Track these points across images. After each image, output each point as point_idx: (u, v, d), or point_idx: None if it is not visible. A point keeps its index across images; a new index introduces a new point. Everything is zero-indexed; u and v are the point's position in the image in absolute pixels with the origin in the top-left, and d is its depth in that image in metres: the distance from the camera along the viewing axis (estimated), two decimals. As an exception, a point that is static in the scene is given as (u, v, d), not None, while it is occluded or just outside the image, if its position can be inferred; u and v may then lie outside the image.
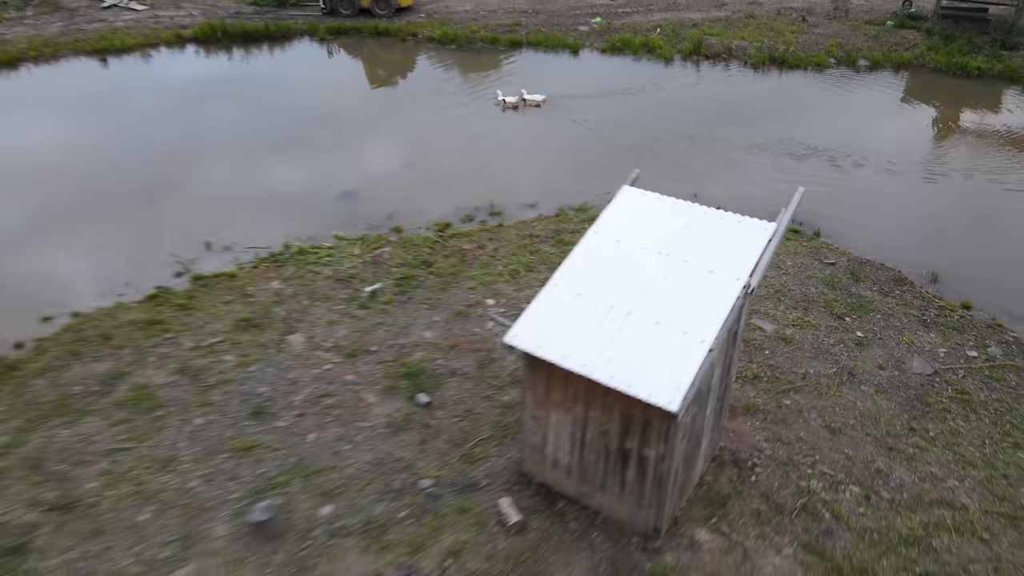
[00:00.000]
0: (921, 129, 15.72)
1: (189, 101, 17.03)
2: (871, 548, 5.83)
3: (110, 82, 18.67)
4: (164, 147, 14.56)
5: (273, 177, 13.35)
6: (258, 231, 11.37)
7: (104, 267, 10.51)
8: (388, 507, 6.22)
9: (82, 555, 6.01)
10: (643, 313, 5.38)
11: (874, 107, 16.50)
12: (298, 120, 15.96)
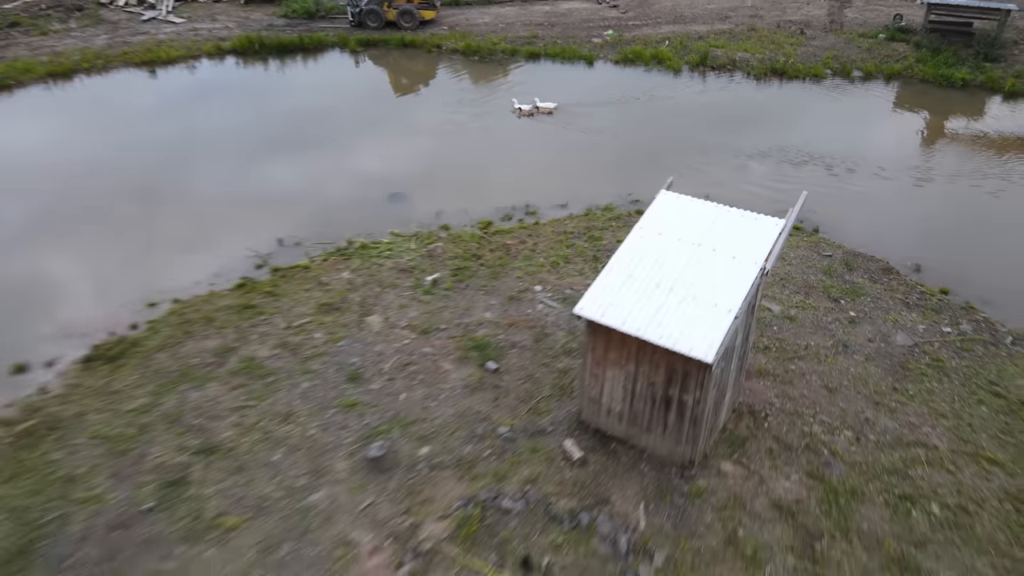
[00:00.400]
0: (909, 136, 17.25)
1: (233, 110, 18.52)
2: (860, 475, 7.38)
3: (161, 91, 20.16)
4: (221, 152, 16.06)
5: (324, 180, 14.82)
6: (320, 229, 12.88)
7: (192, 260, 11.99)
8: (474, 448, 7.76)
9: (232, 485, 7.54)
10: (682, 290, 6.91)
11: (866, 116, 18.05)
12: (336, 127, 17.46)
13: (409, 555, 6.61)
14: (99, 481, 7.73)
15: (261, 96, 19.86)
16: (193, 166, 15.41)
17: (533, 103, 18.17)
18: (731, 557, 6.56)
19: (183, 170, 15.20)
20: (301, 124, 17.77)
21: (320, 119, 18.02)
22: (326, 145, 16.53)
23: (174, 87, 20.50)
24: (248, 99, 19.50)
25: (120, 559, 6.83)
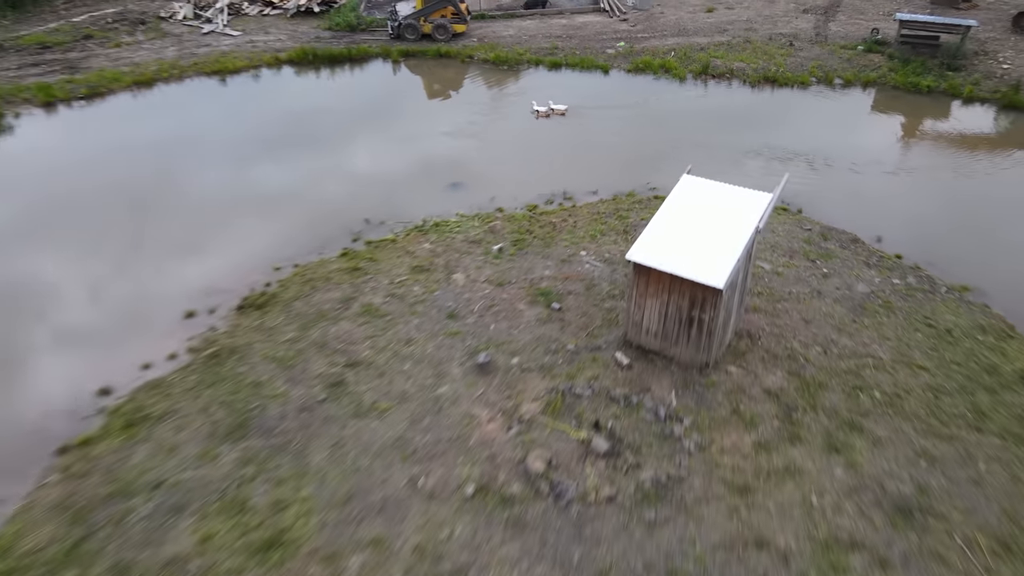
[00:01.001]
0: (879, 136, 20.21)
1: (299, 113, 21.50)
2: (825, 374, 10.44)
3: (235, 96, 23.14)
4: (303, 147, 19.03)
5: (393, 170, 17.77)
6: (396, 211, 15.86)
7: (300, 234, 14.96)
8: (550, 358, 10.79)
9: (378, 385, 10.55)
10: (701, 242, 9.94)
11: (844, 119, 21.06)
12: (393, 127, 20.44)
13: (515, 422, 9.65)
14: (279, 384, 10.74)
15: (318, 100, 22.85)
16: (282, 159, 18.39)
17: (548, 105, 21.21)
18: (735, 421, 9.60)
19: (276, 162, 18.18)
20: (365, 124, 20.76)
21: (377, 120, 21.01)
22: (390, 142, 19.50)
23: (244, 92, 23.50)
24: (306, 103, 22.47)
25: (311, 429, 9.85)
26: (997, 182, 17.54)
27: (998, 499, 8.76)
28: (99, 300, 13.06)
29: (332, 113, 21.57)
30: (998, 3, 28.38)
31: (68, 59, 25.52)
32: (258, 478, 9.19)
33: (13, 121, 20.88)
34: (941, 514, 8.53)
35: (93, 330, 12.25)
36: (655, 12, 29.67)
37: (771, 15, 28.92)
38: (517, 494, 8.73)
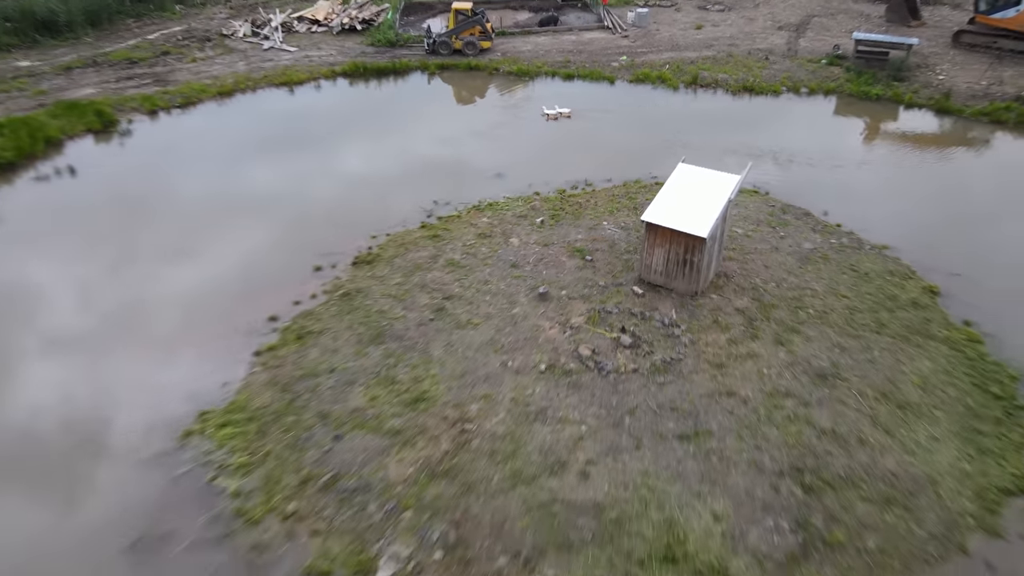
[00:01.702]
0: (833, 136, 24.97)
1: (359, 116, 26.13)
2: (777, 299, 15.19)
3: (304, 103, 27.75)
4: (368, 143, 23.66)
5: (448, 162, 22.41)
6: (455, 195, 20.52)
7: (387, 213, 19.58)
8: (588, 291, 15.51)
9: (468, 310, 15.22)
10: (692, 207, 14.68)
11: (806, 122, 25.82)
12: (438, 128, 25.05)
13: (568, 328, 14.36)
14: (398, 311, 15.40)
15: (373, 106, 27.49)
16: (353, 153, 23.05)
17: (555, 109, 25.90)
18: (714, 327, 14.35)
19: (350, 155, 22.85)
20: (415, 125, 25.37)
21: (424, 121, 25.62)
22: (438, 140, 24.09)
23: (311, 100, 28.12)
24: (362, 108, 27.11)
25: (428, 336, 14.52)
26: (924, 170, 22.39)
27: (883, 371, 13.53)
28: (254, 258, 17.63)
29: (386, 116, 26.23)
30: (943, 21, 33.28)
31: (155, 73, 30.05)
32: (398, 365, 13.87)
33: (127, 126, 25.45)
34: (845, 378, 13.29)
35: (253, 279, 16.83)
36: (651, 29, 34.44)
37: (750, 32, 33.72)
38: (573, 368, 13.45)
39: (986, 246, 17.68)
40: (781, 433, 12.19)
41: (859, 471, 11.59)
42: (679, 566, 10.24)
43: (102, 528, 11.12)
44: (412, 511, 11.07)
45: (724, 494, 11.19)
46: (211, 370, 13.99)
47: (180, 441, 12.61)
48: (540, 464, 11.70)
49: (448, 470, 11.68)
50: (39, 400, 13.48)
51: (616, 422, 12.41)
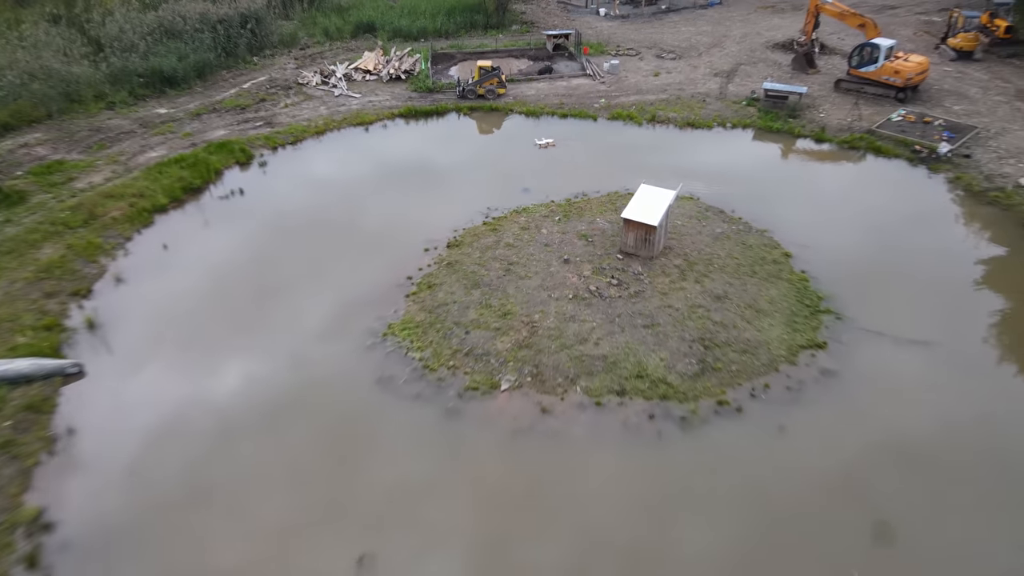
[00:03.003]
0: (745, 159, 36.85)
1: (422, 147, 37.45)
2: (700, 261, 26.99)
3: (376, 138, 38.99)
4: (436, 165, 35.01)
5: (487, 181, 33.83)
6: (499, 204, 31.97)
7: (459, 215, 30.94)
8: (591, 257, 27.13)
9: (525, 270, 26.76)
10: (649, 208, 26.42)
11: (728, 149, 37.68)
12: (474, 159, 36.52)
13: (581, 276, 25.97)
14: (482, 272, 26.85)
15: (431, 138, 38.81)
16: (430, 173, 34.39)
17: (544, 140, 37.43)
18: (662, 275, 26.05)
19: (428, 176, 34.19)
20: (461, 152, 36.77)
21: (465, 150, 37.06)
22: (478, 164, 35.57)
23: (382, 135, 39.36)
24: (422, 140, 38.46)
25: (503, 284, 26.01)
26: (799, 181, 34.39)
27: (751, 295, 25.27)
28: (388, 243, 28.86)
29: (439, 146, 37.64)
30: (833, 70, 45.50)
31: (262, 116, 41.08)
32: (490, 298, 25.32)
33: (262, 159, 36.53)
34: (730, 298, 25.04)
35: (391, 256, 28.08)
36: (622, 76, 46.26)
37: (694, 78, 45.71)
38: (586, 297, 25.03)
39: (826, 228, 29.57)
40: (695, 323, 23.89)
41: (731, 339, 23.32)
42: (643, 379, 21.83)
43: (360, 374, 22.44)
44: (512, 362, 22.54)
45: (665, 349, 22.85)
46: (387, 305, 25.35)
47: (382, 338, 23.93)
48: (574, 340, 23.25)
49: (527, 344, 23.17)
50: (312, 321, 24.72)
51: (611, 320, 24.01)
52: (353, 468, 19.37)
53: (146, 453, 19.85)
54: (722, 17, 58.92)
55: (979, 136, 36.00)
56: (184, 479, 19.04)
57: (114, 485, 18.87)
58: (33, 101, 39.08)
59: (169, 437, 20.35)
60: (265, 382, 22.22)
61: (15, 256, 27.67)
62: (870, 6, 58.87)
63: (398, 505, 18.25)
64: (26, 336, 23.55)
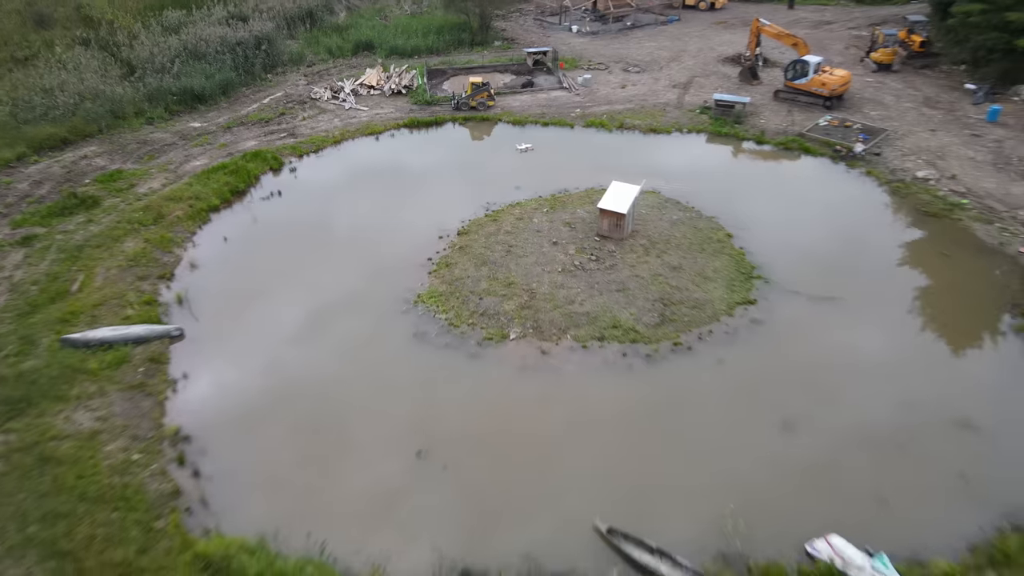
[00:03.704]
0: (699, 159, 44.07)
1: (427, 152, 44.10)
2: (660, 241, 34.11)
3: (386, 146, 45.55)
4: (443, 167, 41.70)
5: (486, 179, 40.62)
6: (496, 200, 38.79)
7: (462, 209, 37.69)
8: (575, 240, 34.11)
9: (522, 251, 33.62)
10: (619, 200, 33.48)
11: (684, 151, 44.89)
12: (473, 162, 43.30)
13: (567, 254, 32.91)
14: (488, 253, 33.67)
15: (432, 145, 45.47)
16: (438, 174, 41.09)
17: (524, 144, 44.34)
18: (630, 252, 33.07)
19: (436, 176, 40.87)
20: (455, 158, 43.51)
21: (459, 155, 43.80)
22: (469, 165, 42.36)
23: (391, 143, 45.93)
24: (424, 146, 45.11)
25: (506, 262, 32.85)
26: (745, 175, 41.73)
27: (700, 265, 32.44)
28: (407, 232, 35.48)
29: (443, 151, 44.35)
30: (774, 82, 53.01)
31: (285, 128, 47.42)
32: (496, 273, 32.11)
33: (291, 165, 42.92)
34: (684, 268, 32.14)
35: (413, 242, 34.73)
36: (594, 89, 53.35)
37: (656, 90, 52.97)
38: (572, 270, 31.94)
39: (761, 214, 36.81)
40: (656, 287, 30.93)
41: (684, 299, 30.38)
42: (617, 329, 28.77)
43: (400, 330, 29.11)
44: (517, 319, 29.38)
45: (633, 307, 29.84)
46: (414, 280, 32.02)
47: (413, 305, 30.61)
48: (563, 302, 30.15)
49: (528, 306, 30.02)
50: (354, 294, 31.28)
51: (591, 287, 30.96)
52: (403, 394, 25.99)
53: (241, 384, 26.27)
54: (680, 33, 66.44)
55: (888, 138, 43.71)
56: (272, 400, 25.51)
57: (222, 408, 25.28)
58: (86, 119, 44.94)
59: (257, 373, 26.80)
60: (322, 337, 28.76)
61: (104, 249, 33.80)
62: (810, 21, 66.92)
63: (440, 417, 24.93)
64: (133, 309, 29.82)
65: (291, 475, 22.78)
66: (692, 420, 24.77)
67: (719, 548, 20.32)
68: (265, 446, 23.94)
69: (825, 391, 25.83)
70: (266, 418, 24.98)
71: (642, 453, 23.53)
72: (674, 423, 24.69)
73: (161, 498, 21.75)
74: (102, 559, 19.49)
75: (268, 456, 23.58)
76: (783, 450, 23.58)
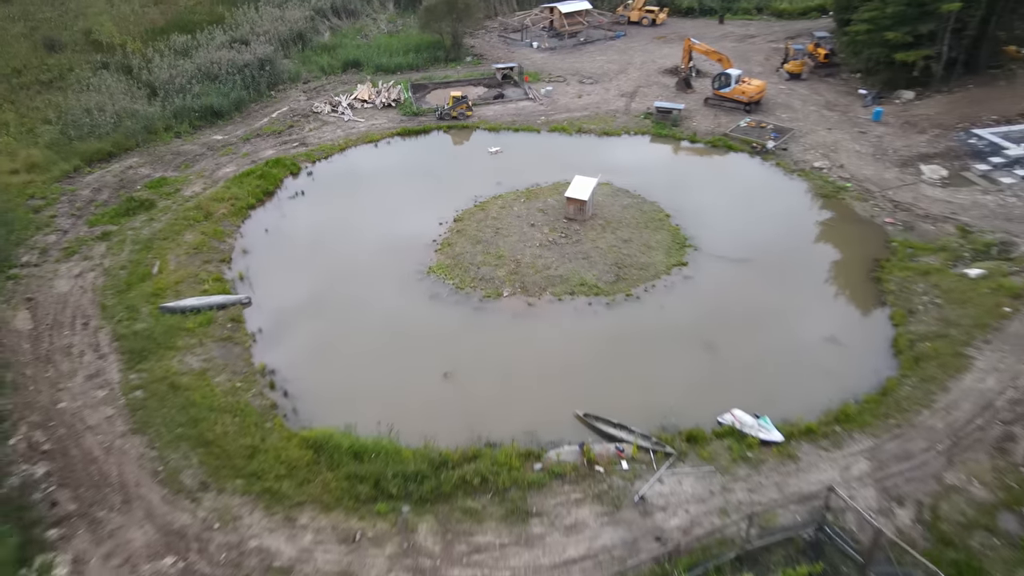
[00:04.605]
0: (643, 157, 53.78)
1: (422, 155, 52.98)
2: (614, 221, 43.73)
3: (384, 151, 54.29)
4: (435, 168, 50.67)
5: (473, 175, 49.68)
6: (483, 191, 47.93)
7: (454, 200, 46.73)
8: (548, 222, 43.52)
9: (508, 231, 42.89)
10: (582, 188, 42.99)
11: (631, 151, 54.58)
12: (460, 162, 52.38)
13: (542, 233, 42.27)
14: (479, 234, 42.81)
15: (414, 154, 54.35)
16: (431, 172, 50.05)
17: (494, 148, 53.61)
18: (591, 230, 42.56)
19: (431, 173, 49.84)
20: (443, 159, 52.54)
21: (446, 158, 52.83)
22: (459, 165, 51.43)
23: (389, 149, 54.66)
24: (415, 151, 54.01)
25: (496, 240, 42.10)
26: (680, 168, 51.66)
27: (647, 239, 42.09)
28: (413, 219, 44.36)
29: (433, 154, 53.30)
30: (705, 91, 63.21)
31: (295, 139, 55.76)
32: (488, 248, 41.25)
33: (308, 170, 51.40)
34: (632, 241, 41.76)
35: (418, 227, 43.62)
36: (555, 99, 62.86)
37: (606, 99, 62.72)
38: (547, 244, 41.27)
39: (693, 198, 46.62)
40: (612, 255, 40.43)
41: (633, 263, 39.94)
42: (583, 286, 38.12)
43: (418, 293, 38.07)
44: (508, 282, 38.58)
45: (595, 270, 39.28)
46: (424, 257, 40.97)
47: (426, 275, 39.59)
48: (542, 268, 39.43)
49: (515, 272, 39.24)
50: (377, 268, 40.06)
51: (562, 256, 40.33)
52: (428, 338, 34.90)
53: (302, 334, 34.84)
54: (627, 47, 76.47)
55: (794, 135, 54.18)
56: (327, 345, 34.19)
57: (292, 350, 33.86)
58: (126, 135, 52.63)
59: (313, 326, 35.40)
60: (359, 300, 37.49)
61: (170, 240, 41.92)
62: (736, 35, 77.66)
63: (458, 352, 33.90)
64: (208, 284, 38.11)
65: (353, 390, 31.55)
66: (641, 345, 34.28)
67: (659, 423, 29.81)
68: (329, 374, 32.68)
69: (736, 323, 35.62)
70: (326, 356, 33.72)
71: (606, 368, 32.93)
72: (628, 348, 34.16)
73: (263, 409, 30.37)
74: (236, 444, 28.10)
75: (333, 379, 32.34)
76: (705, 362, 33.27)
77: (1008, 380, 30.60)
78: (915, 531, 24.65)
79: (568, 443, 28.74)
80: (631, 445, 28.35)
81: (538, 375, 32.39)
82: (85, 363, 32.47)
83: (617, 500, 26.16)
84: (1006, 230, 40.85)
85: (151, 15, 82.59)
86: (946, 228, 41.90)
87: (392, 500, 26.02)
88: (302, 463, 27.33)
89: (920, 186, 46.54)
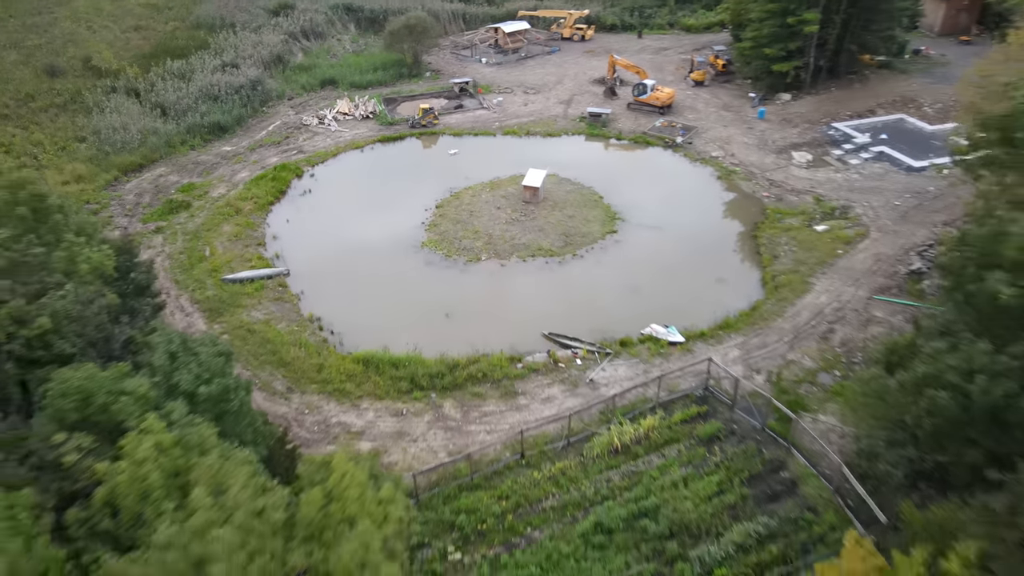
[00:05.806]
0: (583, 154, 66.91)
1: (392, 160, 64.97)
2: (562, 203, 56.78)
3: (370, 156, 66.05)
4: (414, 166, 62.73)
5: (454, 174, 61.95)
6: (457, 184, 60.28)
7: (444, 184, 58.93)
8: (510, 207, 56.27)
9: (481, 211, 55.48)
10: (535, 178, 55.88)
11: (572, 148, 67.63)
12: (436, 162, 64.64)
13: (508, 214, 55.03)
14: (459, 216, 55.27)
15: (395, 158, 66.34)
16: (411, 171, 62.16)
17: (454, 150, 66.15)
18: (545, 210, 55.53)
19: (410, 171, 61.95)
20: (421, 159, 64.73)
21: (423, 158, 65.04)
22: (432, 165, 63.69)
23: (374, 154, 66.42)
24: (397, 155, 65.99)
25: (471, 220, 54.59)
26: (611, 161, 65.08)
27: (586, 215, 55.27)
28: (407, 207, 56.36)
29: (409, 156, 65.39)
30: (626, 97, 76.85)
31: (293, 147, 66.93)
32: (467, 227, 53.74)
33: (310, 172, 62.80)
34: (575, 217, 54.86)
35: (411, 212, 55.70)
36: (505, 107, 75.60)
37: (548, 106, 75.78)
38: (511, 221, 53.93)
39: (622, 183, 59.93)
40: (561, 227, 53.33)
41: (577, 232, 52.95)
42: (541, 250, 50.94)
43: (416, 260, 50.27)
44: (484, 251, 51.08)
45: (548, 238, 52.15)
46: (416, 235, 53.12)
47: (420, 248, 51.78)
48: (509, 239, 52.03)
49: (489, 243, 51.75)
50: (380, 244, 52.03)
51: (524, 229, 53.04)
52: (429, 291, 47.09)
53: (336, 292, 46.57)
54: (561, 61, 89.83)
55: (698, 132, 68.37)
56: (355, 299, 46.07)
57: (331, 304, 45.60)
58: (151, 148, 62.90)
59: (344, 286, 47.14)
60: (372, 267, 49.38)
61: (213, 231, 52.87)
62: (653, 48, 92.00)
63: (453, 299, 46.18)
64: (252, 261, 49.37)
65: (381, 327, 43.53)
66: (585, 290, 47.32)
67: (601, 335, 42.86)
68: (361, 318, 44.57)
69: (653, 272, 49.08)
70: (356, 306, 45.65)
71: (561, 304, 45.87)
72: (575, 292, 47.14)
73: (319, 343, 42.17)
74: (306, 364, 39.88)
75: (365, 321, 44.24)
76: (632, 298, 46.57)
77: (834, 297, 44.93)
78: (765, 389, 38.35)
79: (539, 352, 41.53)
80: (582, 349, 41.34)
81: (513, 311, 45.09)
82: (177, 319, 43.53)
83: (575, 382, 39.10)
84: (847, 198, 55.68)
85: (135, 40, 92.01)
86: (806, 198, 56.46)
87: (423, 390, 38.33)
88: (357, 372, 39.33)
89: (790, 168, 61.21)
